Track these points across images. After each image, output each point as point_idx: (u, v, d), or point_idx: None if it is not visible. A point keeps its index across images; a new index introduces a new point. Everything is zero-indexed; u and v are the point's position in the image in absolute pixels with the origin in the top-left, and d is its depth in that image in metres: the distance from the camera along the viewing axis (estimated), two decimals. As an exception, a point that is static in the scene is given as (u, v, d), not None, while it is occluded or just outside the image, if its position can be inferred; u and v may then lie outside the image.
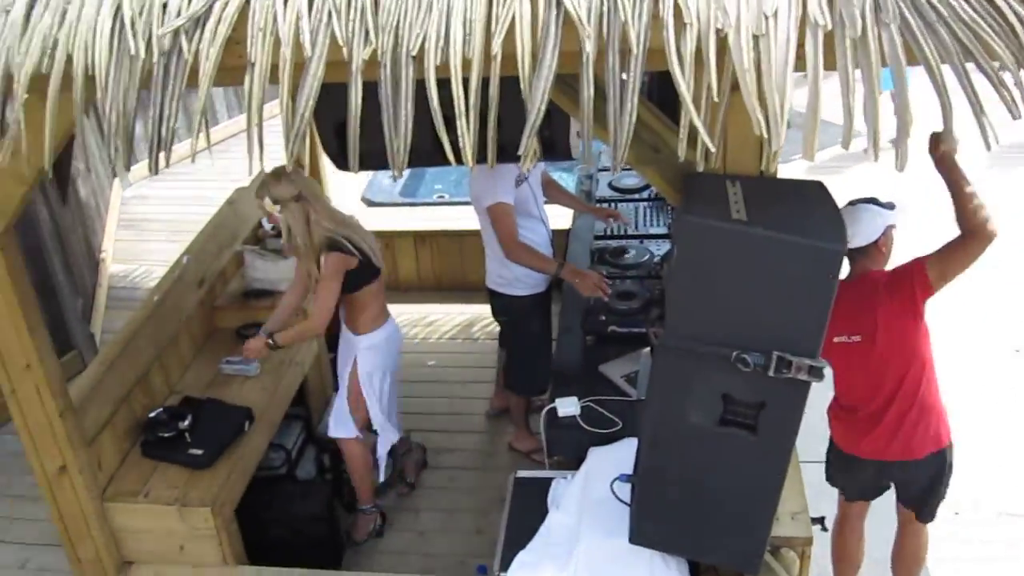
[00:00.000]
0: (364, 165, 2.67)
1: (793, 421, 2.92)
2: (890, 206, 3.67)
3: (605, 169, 6.41)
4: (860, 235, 3.59)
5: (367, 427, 4.80)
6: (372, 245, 4.46)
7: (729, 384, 2.89)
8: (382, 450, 4.90)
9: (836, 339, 3.63)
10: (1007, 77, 2.27)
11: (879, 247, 3.65)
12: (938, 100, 2.28)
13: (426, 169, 9.17)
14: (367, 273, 4.41)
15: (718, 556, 3.37)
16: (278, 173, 4.17)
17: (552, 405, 4.15)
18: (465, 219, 6.05)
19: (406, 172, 8.58)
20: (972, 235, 3.34)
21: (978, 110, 2.23)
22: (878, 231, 3.62)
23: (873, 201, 3.68)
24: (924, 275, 3.48)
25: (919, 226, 3.54)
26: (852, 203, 3.65)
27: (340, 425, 4.78)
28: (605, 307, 4.70)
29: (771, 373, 2.79)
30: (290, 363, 5.09)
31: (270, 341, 4.42)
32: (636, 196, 6.04)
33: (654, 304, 4.68)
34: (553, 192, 5.37)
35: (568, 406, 4.12)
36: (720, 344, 2.81)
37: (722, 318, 2.81)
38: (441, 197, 9.03)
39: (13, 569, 4.91)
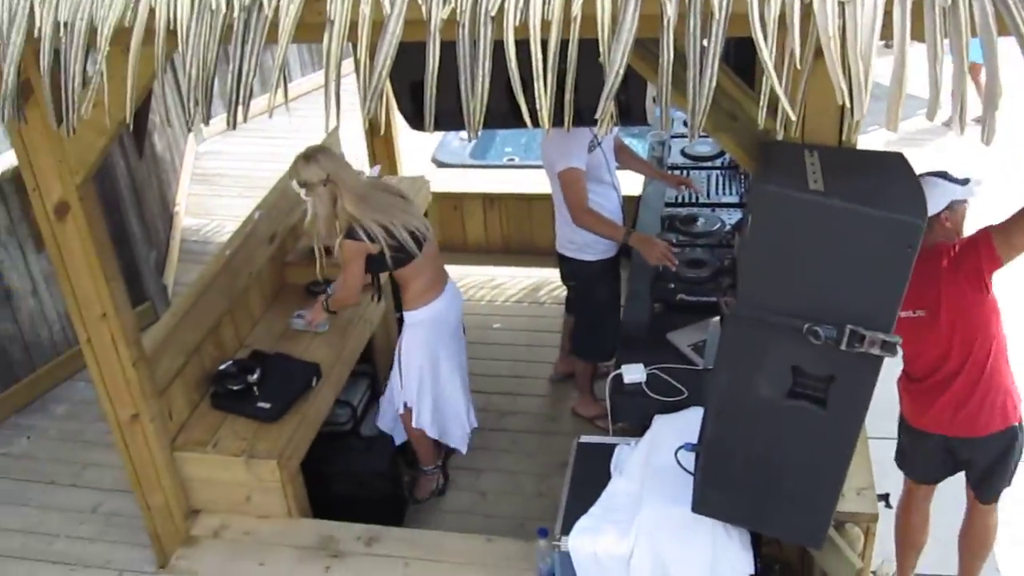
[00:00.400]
0: (439, 125, 2.67)
1: (864, 396, 2.87)
2: (962, 181, 3.59)
3: (678, 136, 6.33)
4: None
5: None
6: (412, 227, 4.37)
7: (800, 356, 2.85)
8: (434, 432, 4.84)
9: (902, 314, 3.56)
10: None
11: (941, 221, 3.56)
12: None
13: (496, 131, 9.15)
14: (395, 259, 4.34)
15: (781, 529, 3.34)
16: (309, 155, 4.19)
17: (618, 371, 4.14)
18: (535, 182, 6.04)
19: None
20: None
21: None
22: (939, 205, 3.53)
23: (943, 175, 3.60)
24: (990, 244, 3.40)
25: (1001, 203, 3.43)
26: (920, 176, 3.57)
27: (396, 397, 4.83)
28: (674, 275, 4.66)
29: (843, 347, 2.75)
30: (359, 320, 5.13)
31: (326, 304, 4.58)
32: (708, 164, 5.96)
33: (725, 273, 4.64)
34: (625, 158, 5.33)
35: (634, 373, 4.10)
36: (792, 315, 2.77)
37: (795, 289, 2.77)
38: (511, 160, 9.00)
39: (86, 513, 5.04)
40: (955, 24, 2.19)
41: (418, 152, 7.95)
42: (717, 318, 4.07)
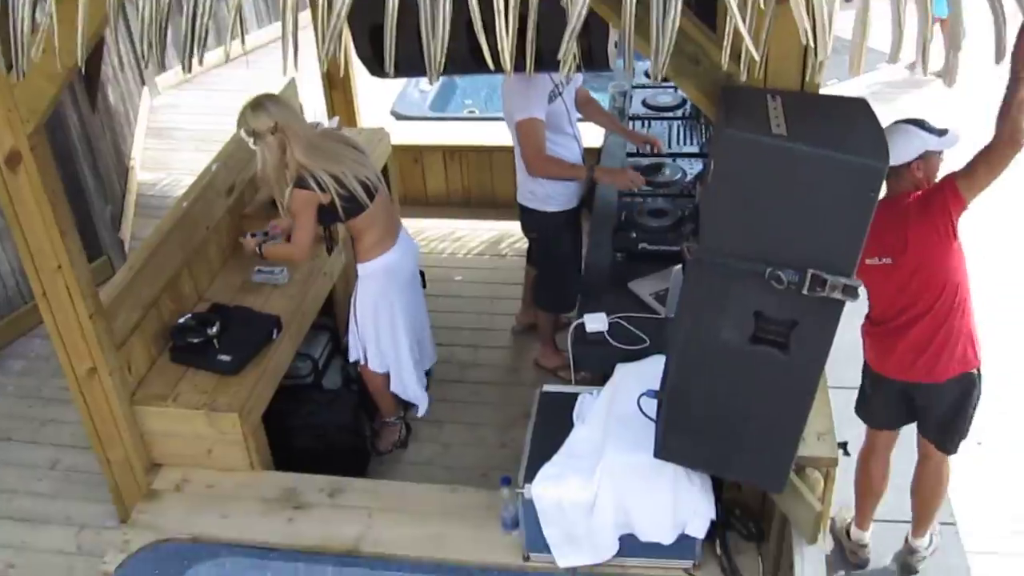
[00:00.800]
0: (399, 71, 2.63)
1: (825, 341, 2.89)
2: (939, 132, 3.58)
3: (639, 86, 6.30)
4: (891, 154, 3.52)
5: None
6: (363, 177, 4.31)
7: (762, 301, 2.86)
8: (395, 386, 4.88)
9: (868, 261, 3.59)
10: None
11: (912, 170, 3.57)
12: (993, 15, 2.21)
13: (456, 83, 9.07)
14: (346, 209, 4.28)
15: (743, 473, 3.38)
16: (257, 103, 4.12)
17: (580, 320, 4.14)
18: (495, 134, 6.00)
19: (436, 84, 8.47)
20: (1006, 139, 3.26)
21: (1000, 23, 2.16)
22: (912, 153, 3.54)
23: (920, 123, 3.58)
24: (954, 187, 3.43)
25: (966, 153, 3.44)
26: (896, 122, 3.57)
27: (353, 349, 4.82)
28: (636, 224, 4.66)
29: (805, 291, 2.76)
30: (318, 273, 5.09)
31: (259, 249, 4.45)
32: (670, 114, 5.94)
33: (687, 221, 4.64)
34: (591, 111, 5.30)
35: (596, 322, 4.11)
36: (754, 260, 2.78)
37: (758, 234, 2.77)
38: (471, 112, 8.93)
39: (44, 469, 5.00)
40: (918, -35, 2.18)
41: (377, 104, 7.86)
42: (679, 266, 4.08)
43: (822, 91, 2.95)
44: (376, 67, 4.45)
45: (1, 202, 3.64)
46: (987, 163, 3.35)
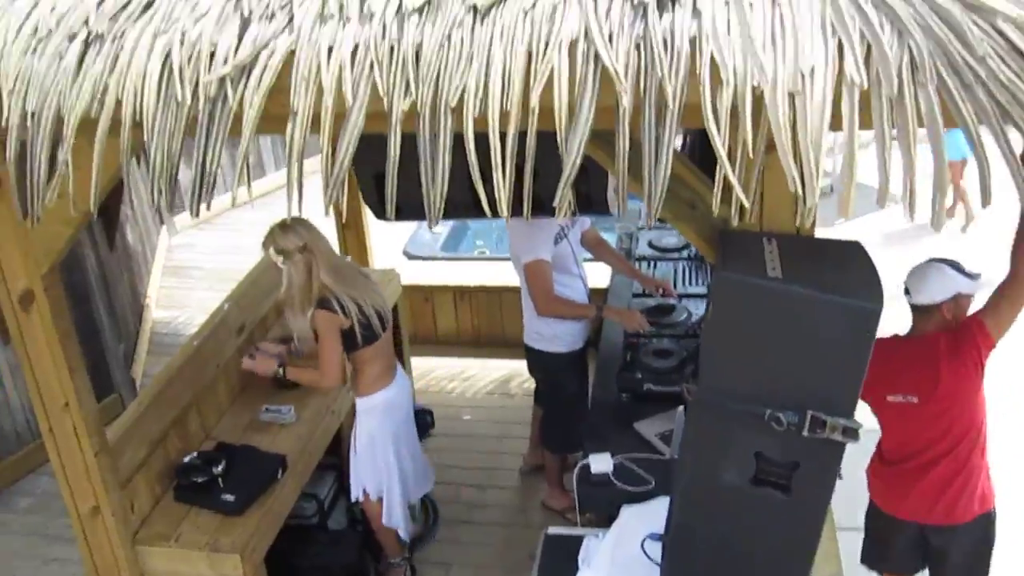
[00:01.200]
0: (402, 215, 2.71)
1: (827, 482, 2.87)
2: (973, 275, 3.58)
3: (647, 226, 6.41)
4: (923, 293, 3.54)
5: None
6: (379, 307, 4.41)
7: (762, 443, 2.86)
8: (386, 519, 4.81)
9: (890, 398, 3.57)
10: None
11: (942, 311, 3.56)
12: (976, 160, 2.27)
13: (468, 224, 9.23)
14: (364, 336, 4.35)
15: (749, 618, 3.31)
16: (286, 223, 4.22)
17: (585, 461, 4.13)
18: (506, 275, 6.08)
19: (448, 226, 8.65)
20: (1021, 275, 3.30)
21: (1016, 170, 2.22)
22: (944, 294, 3.55)
23: (955, 265, 3.59)
24: (983, 327, 3.44)
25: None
26: (931, 260, 3.60)
27: (354, 487, 4.79)
28: (641, 365, 4.69)
29: (805, 433, 2.76)
30: (326, 411, 5.10)
31: (280, 371, 4.48)
32: (676, 255, 6.03)
33: (689, 361, 4.66)
34: (604, 253, 5.40)
35: (601, 463, 4.09)
36: (754, 402, 2.79)
37: (756, 376, 2.79)
38: (482, 252, 9.08)
39: (45, 610, 4.94)
40: (901, 114, 2.25)
41: (390, 245, 8.01)
42: (683, 407, 4.08)
43: (843, 231, 2.99)
44: (380, 211, 4.57)
45: (13, 340, 3.70)
46: (1009, 299, 3.38)
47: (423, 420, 6.20)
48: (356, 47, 2.51)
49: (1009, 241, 3.36)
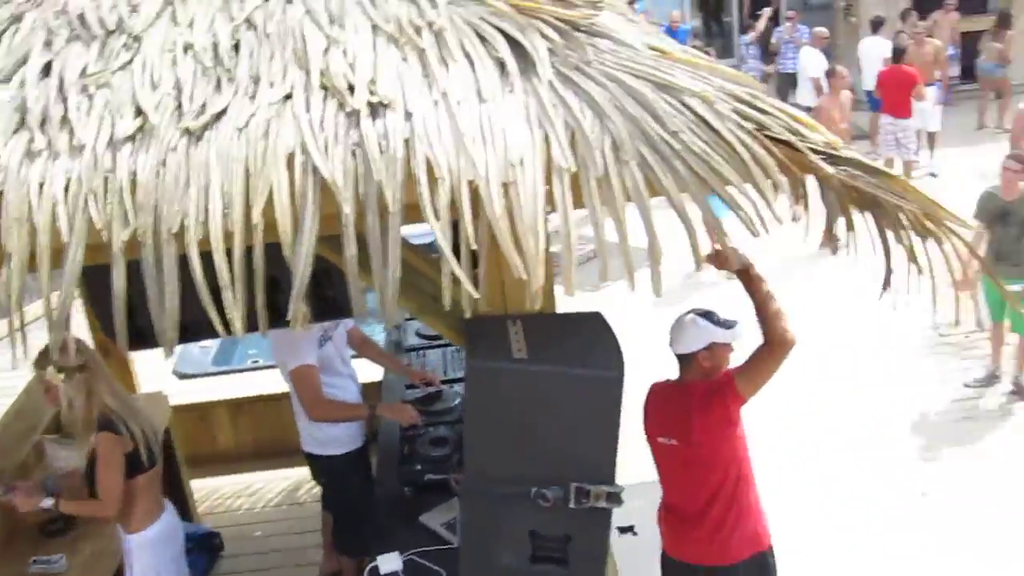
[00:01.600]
0: (140, 344, 2.64)
1: (600, 549, 2.96)
2: (727, 324, 3.71)
3: (412, 317, 6.44)
4: (679, 343, 3.69)
5: None
6: (151, 434, 4.24)
7: (534, 521, 2.91)
8: None
9: (660, 439, 3.72)
10: (742, 200, 2.44)
11: (699, 360, 3.70)
12: (684, 227, 2.42)
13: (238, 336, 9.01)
14: (141, 463, 4.16)
15: None
16: (62, 342, 4.03)
17: (373, 564, 4.07)
18: (281, 382, 5.97)
19: (216, 341, 8.29)
20: (773, 344, 3.50)
21: (719, 235, 2.38)
22: (699, 343, 3.68)
23: (708, 315, 3.72)
24: (733, 387, 3.59)
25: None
26: (687, 312, 3.75)
27: None
28: (419, 455, 4.68)
29: (572, 504, 2.83)
30: (103, 554, 4.82)
31: (48, 503, 4.19)
32: (444, 342, 6.08)
33: (458, 450, 4.69)
34: (369, 352, 5.40)
35: (390, 563, 4.03)
36: (519, 482, 2.84)
37: (518, 456, 2.85)
38: (256, 362, 8.86)
39: None
40: (609, 191, 2.39)
41: (157, 366, 7.72)
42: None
43: (612, 293, 3.09)
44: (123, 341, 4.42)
45: None
46: (761, 361, 3.55)
47: (211, 543, 5.97)
48: (68, 181, 2.46)
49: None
